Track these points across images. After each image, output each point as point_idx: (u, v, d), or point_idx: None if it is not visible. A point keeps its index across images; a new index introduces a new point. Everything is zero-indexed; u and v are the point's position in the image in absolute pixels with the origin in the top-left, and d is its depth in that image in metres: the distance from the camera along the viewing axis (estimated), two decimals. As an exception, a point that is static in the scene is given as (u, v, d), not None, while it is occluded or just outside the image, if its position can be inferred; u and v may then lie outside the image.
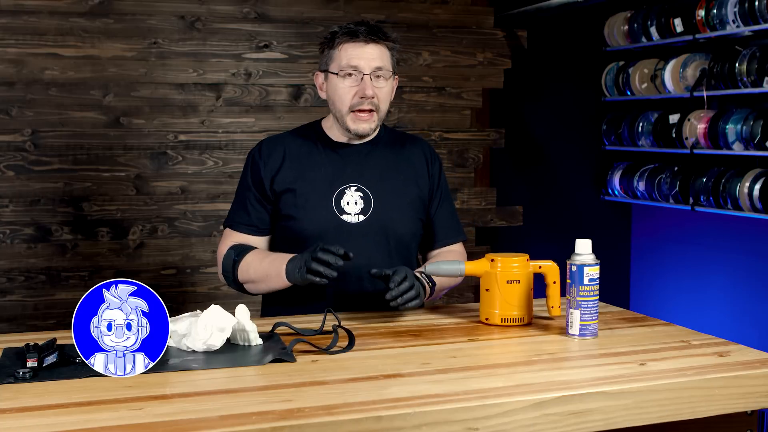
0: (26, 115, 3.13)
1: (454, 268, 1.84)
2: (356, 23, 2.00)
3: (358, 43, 1.97)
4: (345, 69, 1.97)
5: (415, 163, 2.13)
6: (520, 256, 1.83)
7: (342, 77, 1.98)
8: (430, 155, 2.17)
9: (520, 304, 1.81)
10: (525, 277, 1.82)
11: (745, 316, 3.46)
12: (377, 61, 1.97)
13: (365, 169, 2.05)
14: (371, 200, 2.02)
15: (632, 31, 3.72)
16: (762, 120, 3.11)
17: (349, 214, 2.01)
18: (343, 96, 1.99)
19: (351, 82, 1.98)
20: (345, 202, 2.02)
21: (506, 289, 1.80)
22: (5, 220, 3.13)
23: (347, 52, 1.97)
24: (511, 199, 3.82)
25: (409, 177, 2.10)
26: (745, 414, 1.58)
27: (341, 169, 2.04)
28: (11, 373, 1.44)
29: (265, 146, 2.09)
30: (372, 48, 1.97)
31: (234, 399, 1.32)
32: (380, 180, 2.05)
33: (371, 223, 2.01)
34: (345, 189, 2.03)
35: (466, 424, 1.29)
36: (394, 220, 2.04)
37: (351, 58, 1.96)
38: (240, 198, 2.09)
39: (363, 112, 1.99)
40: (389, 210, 2.04)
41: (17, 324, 3.14)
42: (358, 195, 2.02)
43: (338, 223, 2.00)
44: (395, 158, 2.10)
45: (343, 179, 2.03)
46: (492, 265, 1.82)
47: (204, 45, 3.30)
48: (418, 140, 2.20)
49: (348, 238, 1.97)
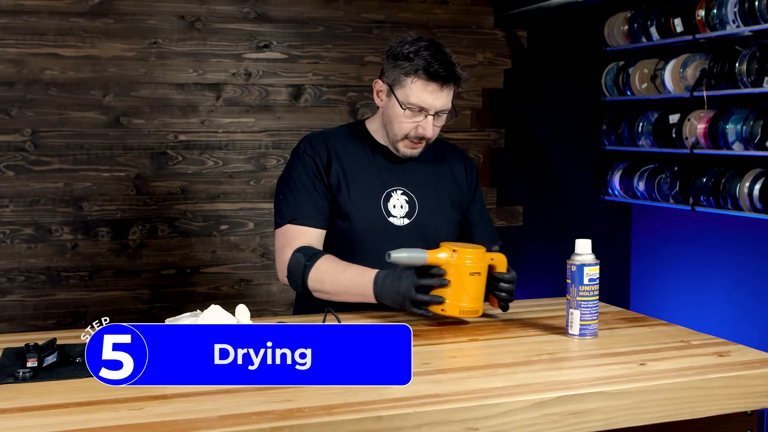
0: (26, 115, 3.13)
1: (419, 256, 1.77)
2: (434, 56, 1.92)
3: (433, 83, 1.93)
4: (412, 105, 1.95)
5: (456, 173, 2.16)
6: (478, 248, 1.80)
7: (404, 110, 1.96)
8: (469, 166, 2.20)
9: (479, 296, 1.79)
10: (485, 269, 1.80)
11: (745, 316, 3.46)
12: (444, 103, 1.96)
13: (409, 175, 2.08)
14: (416, 204, 2.05)
15: (632, 31, 3.72)
16: (762, 120, 3.11)
17: (395, 217, 2.03)
18: (402, 126, 1.98)
19: (413, 117, 1.96)
20: (392, 205, 2.04)
21: (470, 281, 1.76)
22: (5, 220, 3.13)
23: (419, 91, 1.93)
24: (511, 199, 3.82)
25: (449, 183, 2.14)
26: (745, 414, 1.58)
27: (388, 173, 2.06)
28: (11, 373, 1.44)
29: (314, 140, 2.07)
30: (444, 90, 1.95)
31: (234, 399, 1.32)
32: (425, 185, 2.09)
33: (415, 227, 2.04)
34: (392, 192, 2.05)
35: (466, 424, 1.29)
36: (437, 225, 2.07)
37: (421, 98, 1.93)
38: (299, 191, 2.02)
39: (416, 143, 2.00)
40: (432, 215, 2.07)
41: (17, 324, 3.14)
42: (403, 199, 2.05)
43: (386, 224, 2.02)
44: (437, 166, 2.14)
45: (390, 182, 2.06)
46: (455, 255, 1.76)
47: (204, 45, 3.30)
48: (458, 150, 2.24)
49: (394, 239, 1.99)
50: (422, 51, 1.94)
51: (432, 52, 1.94)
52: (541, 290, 3.57)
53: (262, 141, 3.41)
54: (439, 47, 1.97)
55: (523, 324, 1.85)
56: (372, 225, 2.01)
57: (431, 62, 1.92)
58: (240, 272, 3.41)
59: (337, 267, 1.92)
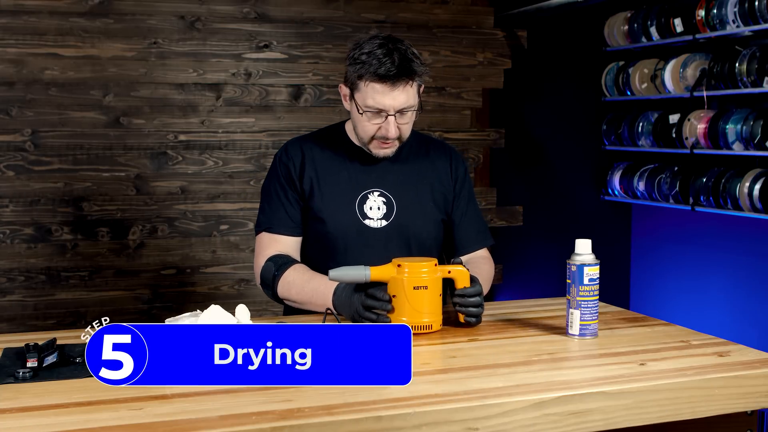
0: (26, 115, 3.13)
1: (359, 274, 1.75)
2: (385, 53, 1.88)
3: (385, 84, 1.88)
4: (370, 108, 1.91)
5: (439, 168, 2.12)
6: (428, 261, 1.76)
7: (363, 113, 1.93)
8: (455, 160, 2.15)
9: (428, 310, 1.74)
10: (433, 282, 1.75)
11: (745, 316, 3.46)
12: (403, 102, 1.91)
13: (388, 175, 2.05)
14: (394, 206, 2.02)
15: (632, 31, 3.72)
16: (762, 120, 3.11)
17: (372, 219, 2.01)
18: (365, 128, 1.96)
19: (375, 119, 1.93)
20: (368, 207, 2.01)
21: (413, 296, 1.73)
22: (5, 220, 3.13)
23: (373, 93, 1.89)
24: (511, 199, 3.82)
25: (432, 182, 2.10)
26: (745, 414, 1.58)
27: (364, 175, 2.04)
28: (11, 373, 1.44)
29: (290, 147, 2.08)
30: (399, 89, 1.90)
31: (234, 399, 1.32)
32: (403, 185, 2.05)
33: (393, 229, 2.01)
34: (368, 194, 2.02)
35: (466, 424, 1.29)
36: (417, 226, 2.04)
37: (376, 100, 1.90)
38: (273, 199, 2.05)
39: (385, 143, 1.98)
40: (411, 215, 2.03)
41: (17, 324, 3.14)
42: (381, 200, 2.03)
43: (361, 227, 2.00)
44: (419, 163, 2.10)
45: (366, 184, 2.03)
46: (399, 271, 1.74)
47: (204, 45, 3.30)
48: (440, 143, 2.20)
49: (371, 242, 1.98)
50: (375, 51, 1.89)
51: (384, 51, 1.88)
52: (541, 290, 3.57)
53: (262, 141, 3.41)
54: (395, 44, 1.92)
55: (523, 324, 1.85)
56: (346, 228, 1.99)
57: (382, 62, 1.87)
58: (240, 272, 3.41)
59: (303, 277, 1.93)
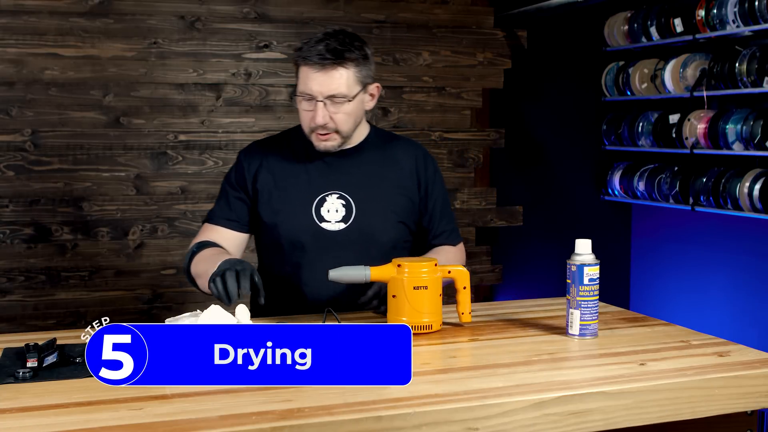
0: (26, 115, 3.13)
1: (359, 274, 1.76)
2: (318, 39, 1.89)
3: (313, 67, 1.88)
4: (302, 93, 1.91)
5: (404, 167, 2.07)
6: (428, 261, 1.77)
7: (300, 101, 1.93)
8: (422, 158, 2.10)
9: (428, 310, 1.74)
10: (433, 282, 1.75)
11: (745, 316, 3.46)
12: (332, 89, 1.88)
13: (348, 176, 2.01)
14: (353, 208, 1.99)
15: (632, 31, 3.72)
16: (762, 120, 3.11)
17: (330, 222, 1.98)
18: (302, 118, 1.95)
19: (308, 106, 1.92)
20: (325, 210, 1.98)
21: (413, 296, 1.73)
22: (5, 220, 3.13)
23: (305, 78, 1.89)
24: (511, 199, 3.82)
25: (396, 181, 2.05)
26: (745, 414, 1.58)
27: (323, 176, 2.01)
28: (11, 373, 1.44)
29: (249, 150, 2.08)
30: (326, 74, 1.87)
31: (234, 399, 1.32)
32: (364, 187, 2.01)
33: (352, 231, 1.98)
34: (326, 196, 1.99)
35: (466, 424, 1.29)
36: (376, 228, 2.00)
37: (306, 83, 1.89)
38: (223, 194, 2.07)
39: (322, 135, 1.94)
40: (371, 217, 2.00)
41: (17, 324, 3.14)
42: (339, 202, 1.99)
43: (317, 230, 1.97)
44: (382, 162, 2.05)
45: (324, 186, 2.00)
46: (399, 271, 1.74)
47: (204, 45, 3.30)
48: (408, 142, 2.14)
49: (327, 246, 1.95)
50: (312, 39, 1.91)
51: (320, 38, 1.89)
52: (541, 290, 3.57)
53: (262, 141, 3.41)
54: (338, 34, 1.91)
55: (523, 324, 1.85)
56: (302, 232, 1.97)
57: (315, 47, 1.87)
58: (240, 272, 3.41)
59: (215, 251, 1.92)
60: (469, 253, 3.73)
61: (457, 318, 1.83)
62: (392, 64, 3.55)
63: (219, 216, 2.04)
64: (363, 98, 1.96)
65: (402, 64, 3.56)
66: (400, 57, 3.55)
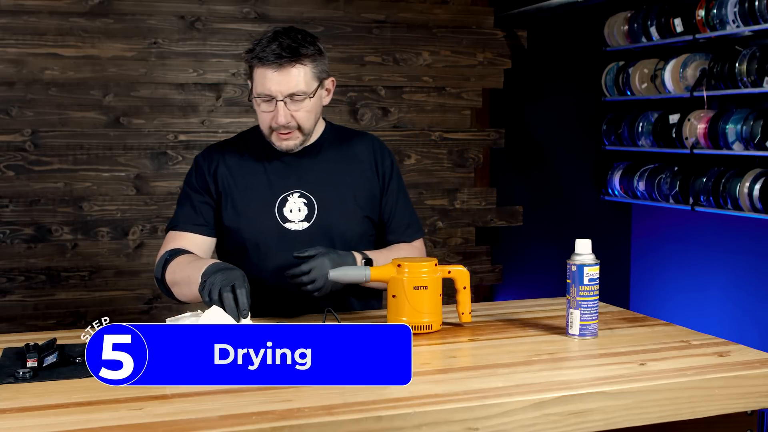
0: (26, 115, 3.13)
1: (359, 273, 1.77)
2: (270, 39, 1.86)
3: (269, 68, 1.85)
4: (260, 95, 1.88)
5: (363, 160, 2.05)
6: (428, 261, 1.77)
7: (258, 103, 1.91)
8: (379, 150, 2.08)
9: (428, 310, 1.74)
10: (433, 282, 1.75)
11: (745, 316, 3.46)
12: (291, 87, 1.86)
13: (309, 175, 2.00)
14: (315, 206, 1.98)
15: (632, 31, 3.72)
16: (762, 120, 3.11)
17: (293, 222, 1.96)
18: (262, 119, 1.93)
19: (267, 107, 1.90)
20: (288, 210, 1.97)
21: (413, 296, 1.73)
22: (5, 220, 3.13)
23: (260, 77, 1.87)
24: (511, 199, 3.82)
25: (356, 175, 2.04)
26: (745, 414, 1.58)
27: (284, 177, 1.99)
28: (11, 373, 1.44)
29: (206, 154, 2.05)
30: (284, 73, 1.86)
31: (234, 399, 1.32)
32: (325, 184, 2.00)
33: (316, 230, 1.97)
34: (288, 196, 1.98)
35: (466, 424, 1.29)
36: (340, 225, 1.99)
37: (263, 84, 1.86)
38: (185, 199, 2.03)
39: (283, 134, 1.93)
40: (334, 214, 1.98)
41: (17, 324, 3.14)
42: (301, 202, 1.98)
43: (281, 231, 1.96)
44: (341, 158, 2.04)
45: (285, 186, 1.98)
46: (399, 271, 1.74)
47: (204, 45, 3.30)
48: (365, 136, 2.12)
49: (292, 246, 1.92)
50: (263, 39, 1.88)
51: (271, 37, 1.87)
52: (541, 290, 3.57)
53: (262, 141, 3.41)
54: (288, 31, 1.89)
55: (523, 324, 1.85)
56: (266, 233, 1.95)
57: (267, 46, 1.85)
58: (240, 272, 3.41)
59: (191, 258, 1.89)
60: (469, 253, 3.75)
61: (457, 318, 1.83)
62: (392, 64, 3.55)
63: (185, 222, 2.00)
64: (321, 94, 1.96)
65: (402, 64, 3.56)
66: (400, 57, 3.55)
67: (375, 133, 3.57)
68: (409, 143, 3.60)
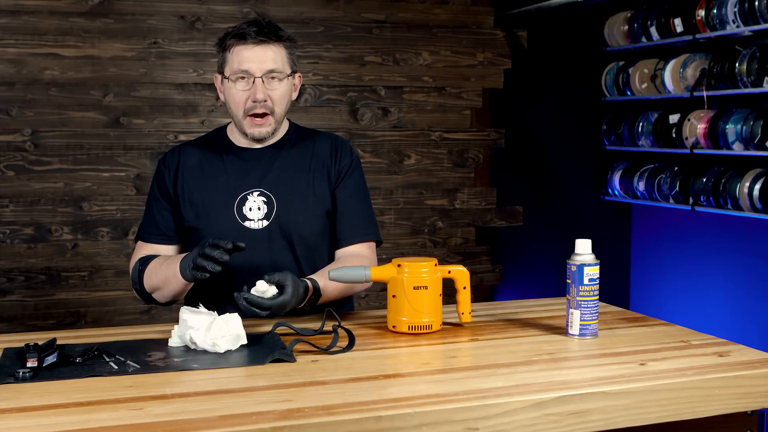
0: (26, 115, 3.13)
1: (359, 273, 1.76)
2: (248, 23, 1.93)
3: (248, 45, 1.91)
4: (236, 73, 1.91)
5: (324, 159, 2.05)
6: (428, 261, 1.76)
7: (234, 81, 1.92)
8: (341, 148, 2.07)
9: (428, 310, 1.74)
10: (433, 282, 1.74)
11: (745, 316, 3.46)
12: (269, 63, 1.91)
13: (269, 173, 2.00)
14: (274, 204, 1.97)
15: (632, 31, 3.72)
16: (762, 120, 3.11)
17: (252, 221, 1.96)
18: (237, 100, 1.94)
19: (243, 86, 1.92)
20: (247, 209, 1.97)
21: (413, 296, 1.73)
22: (5, 220, 3.13)
23: (238, 55, 1.91)
24: (511, 199, 3.82)
25: (317, 174, 2.03)
26: (745, 414, 1.58)
27: (244, 175, 1.99)
28: (11, 373, 1.44)
29: (169, 155, 2.06)
30: (263, 49, 1.91)
31: (234, 399, 1.32)
32: (285, 182, 2.00)
33: (275, 228, 1.96)
34: (247, 195, 1.98)
35: (466, 424, 1.29)
36: (298, 223, 1.98)
37: (242, 61, 1.90)
38: (149, 209, 2.06)
39: (257, 117, 1.94)
40: (293, 213, 1.98)
41: (17, 324, 3.14)
42: (261, 200, 1.98)
43: (240, 230, 1.95)
44: (303, 157, 2.04)
45: (245, 185, 1.98)
46: (399, 271, 1.74)
47: (204, 45, 3.30)
48: (327, 135, 2.12)
49: (252, 244, 1.90)
50: (241, 24, 1.95)
51: (250, 21, 1.95)
52: (541, 290, 3.57)
53: (262, 141, 3.41)
54: (262, 20, 1.95)
55: (523, 324, 1.85)
56: (225, 232, 1.93)
57: (248, 28, 1.91)
58: (240, 272, 3.41)
59: (162, 260, 1.94)
60: (469, 253, 3.75)
61: (457, 318, 1.83)
62: (392, 64, 3.55)
63: (149, 233, 2.04)
64: (292, 83, 2.00)
65: (402, 64, 3.56)
66: (400, 57, 3.55)
67: (375, 133, 3.61)
68: (409, 143, 3.60)
